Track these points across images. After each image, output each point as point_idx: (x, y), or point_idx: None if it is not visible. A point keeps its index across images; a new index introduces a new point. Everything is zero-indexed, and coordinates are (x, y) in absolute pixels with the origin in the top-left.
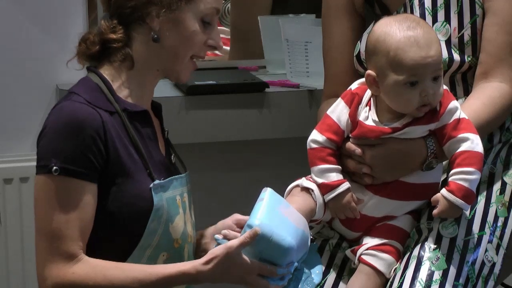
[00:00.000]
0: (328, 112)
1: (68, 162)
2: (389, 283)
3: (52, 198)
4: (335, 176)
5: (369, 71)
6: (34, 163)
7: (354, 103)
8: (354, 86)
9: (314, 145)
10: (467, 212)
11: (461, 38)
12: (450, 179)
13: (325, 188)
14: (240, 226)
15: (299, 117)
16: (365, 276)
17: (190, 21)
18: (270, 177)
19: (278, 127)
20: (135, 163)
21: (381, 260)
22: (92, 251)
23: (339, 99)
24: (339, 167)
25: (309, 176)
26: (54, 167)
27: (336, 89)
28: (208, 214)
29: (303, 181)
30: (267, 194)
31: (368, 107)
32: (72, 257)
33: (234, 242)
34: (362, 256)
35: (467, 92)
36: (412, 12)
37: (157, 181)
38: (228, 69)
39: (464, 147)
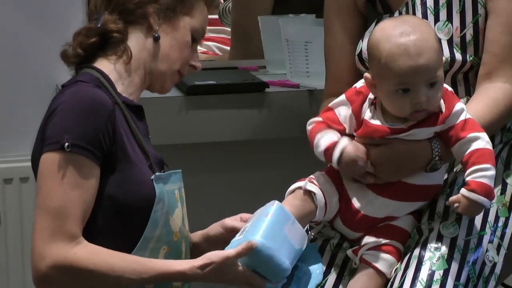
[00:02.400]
0: (330, 104)
1: (81, 139)
2: (389, 283)
3: (60, 175)
4: (333, 136)
5: (366, 74)
6: None
7: (358, 100)
8: (359, 84)
9: (311, 124)
10: None
11: (463, 38)
12: (468, 178)
13: (327, 154)
14: (228, 230)
15: (299, 117)
16: (366, 276)
17: (185, 32)
18: (270, 177)
19: (278, 127)
20: (137, 154)
21: (382, 260)
22: (100, 243)
23: (342, 95)
24: (336, 131)
25: (312, 177)
26: (67, 143)
27: (338, 88)
28: (207, 214)
29: (306, 184)
30: (274, 210)
31: (373, 106)
32: (74, 237)
33: (231, 252)
34: (363, 256)
35: (468, 92)
36: (414, 11)
37: (157, 173)
38: (228, 69)
39: (475, 146)
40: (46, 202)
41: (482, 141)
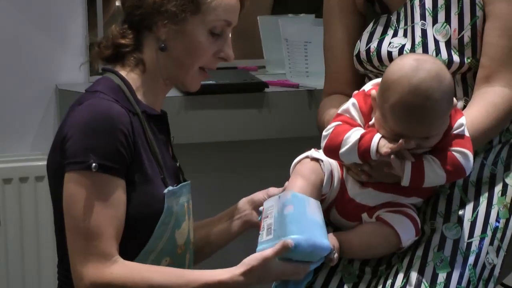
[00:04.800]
0: (340, 111)
1: (106, 158)
2: (390, 281)
3: (90, 195)
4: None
5: (373, 93)
6: (34, 163)
7: (367, 103)
8: (368, 87)
9: (330, 129)
10: (470, 214)
11: (461, 40)
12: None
13: (364, 141)
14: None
15: (298, 117)
16: (379, 229)
17: (197, 32)
18: (270, 177)
19: (277, 127)
20: (152, 166)
21: (402, 224)
22: None
23: (352, 99)
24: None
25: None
26: (94, 164)
27: (337, 86)
28: (208, 214)
29: (313, 152)
30: (292, 200)
31: None
32: (109, 256)
33: (268, 253)
34: (381, 216)
35: (466, 93)
36: (412, 12)
37: (170, 188)
38: (227, 69)
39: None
40: (78, 224)
41: (461, 155)
